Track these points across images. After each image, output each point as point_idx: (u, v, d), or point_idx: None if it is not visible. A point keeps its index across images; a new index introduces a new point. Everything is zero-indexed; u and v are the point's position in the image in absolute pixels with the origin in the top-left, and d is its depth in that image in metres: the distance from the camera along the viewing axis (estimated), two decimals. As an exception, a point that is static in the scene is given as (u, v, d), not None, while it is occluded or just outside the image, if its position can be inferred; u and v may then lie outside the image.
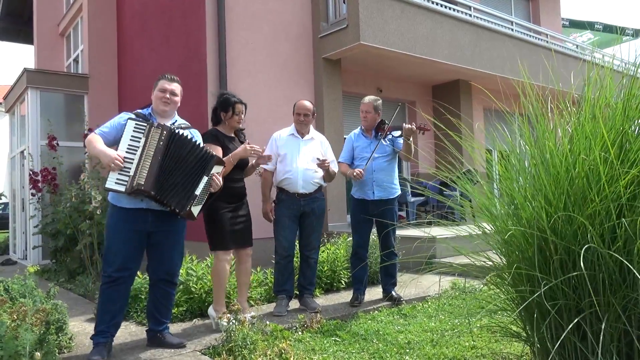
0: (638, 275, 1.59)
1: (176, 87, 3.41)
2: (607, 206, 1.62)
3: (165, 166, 3.15)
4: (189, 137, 3.29)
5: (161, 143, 3.14)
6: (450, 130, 2.88)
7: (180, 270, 4.23)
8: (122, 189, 3.05)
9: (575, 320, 1.67)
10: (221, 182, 3.38)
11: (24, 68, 8.80)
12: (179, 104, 3.44)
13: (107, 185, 3.04)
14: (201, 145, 3.34)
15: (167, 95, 3.34)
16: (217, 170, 3.34)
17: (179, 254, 3.43)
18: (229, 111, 3.82)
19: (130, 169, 3.06)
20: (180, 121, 3.46)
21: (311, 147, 4.31)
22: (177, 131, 3.24)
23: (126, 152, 3.08)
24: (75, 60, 10.74)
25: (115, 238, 3.19)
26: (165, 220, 3.28)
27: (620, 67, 2.17)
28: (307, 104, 4.34)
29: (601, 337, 1.50)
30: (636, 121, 1.79)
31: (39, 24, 11.51)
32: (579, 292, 1.78)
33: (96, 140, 3.13)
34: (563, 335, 1.66)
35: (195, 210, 3.29)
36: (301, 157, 4.22)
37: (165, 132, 3.16)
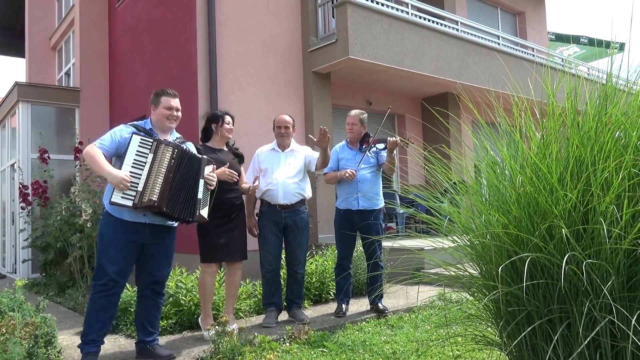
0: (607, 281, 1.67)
1: (179, 103, 3.48)
2: (557, 224, 1.72)
3: (175, 183, 3.23)
4: (191, 152, 3.42)
5: (173, 161, 3.22)
6: (439, 143, 2.98)
7: (170, 283, 4.29)
8: (129, 203, 3.09)
9: (531, 327, 1.75)
10: (215, 179, 3.52)
11: (15, 81, 8.84)
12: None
13: (113, 199, 3.07)
14: (196, 154, 3.48)
15: (174, 113, 3.41)
16: (208, 170, 3.47)
17: (169, 265, 3.50)
18: (219, 121, 4.01)
19: (137, 184, 3.11)
20: (178, 135, 3.54)
21: (292, 159, 4.38)
22: (185, 149, 3.34)
23: (132, 166, 3.13)
24: (67, 74, 10.79)
25: (112, 247, 3.21)
26: (160, 233, 3.35)
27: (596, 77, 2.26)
28: (287, 117, 4.45)
29: (553, 344, 1.58)
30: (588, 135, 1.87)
31: (30, 38, 11.58)
32: (548, 300, 1.86)
33: (99, 157, 3.14)
34: (518, 339, 1.73)
35: (204, 212, 3.42)
36: (282, 169, 4.28)
37: (177, 151, 3.25)
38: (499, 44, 9.83)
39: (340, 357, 3.41)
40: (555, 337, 1.77)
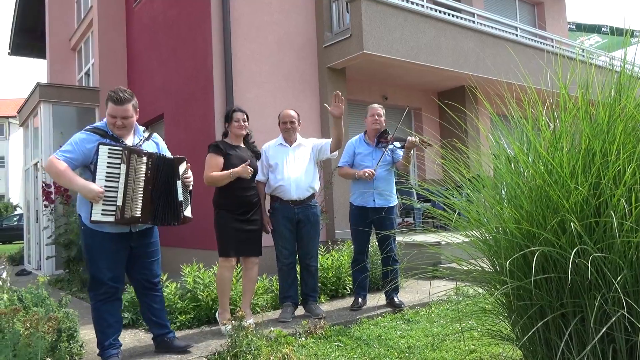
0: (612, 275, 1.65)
1: (127, 109, 3.17)
2: (569, 218, 1.71)
3: (156, 194, 3.20)
4: (164, 156, 3.32)
5: (149, 172, 3.15)
6: (457, 137, 2.97)
7: (188, 278, 4.36)
8: (111, 219, 3.03)
9: (544, 321, 1.74)
10: (191, 176, 3.42)
11: (37, 82, 9.02)
12: (135, 122, 3.28)
13: (93, 218, 3.00)
14: (169, 156, 3.37)
15: (119, 122, 3.17)
16: (182, 168, 3.35)
17: (158, 263, 3.48)
18: (228, 120, 4.06)
19: (115, 197, 3.04)
20: (141, 130, 3.39)
21: (300, 153, 4.41)
22: (158, 155, 3.25)
23: (106, 179, 3.03)
24: (87, 74, 10.98)
25: (102, 257, 3.17)
26: (145, 235, 3.36)
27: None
28: (291, 112, 4.47)
29: (565, 338, 1.57)
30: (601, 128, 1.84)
31: (51, 39, 11.79)
32: (560, 295, 1.85)
33: (66, 171, 3.02)
34: (530, 332, 1.72)
35: (188, 212, 3.39)
36: (292, 164, 4.31)
37: (151, 161, 3.17)
38: (517, 35, 9.68)
39: (355, 351, 3.43)
40: (568, 331, 1.76)
